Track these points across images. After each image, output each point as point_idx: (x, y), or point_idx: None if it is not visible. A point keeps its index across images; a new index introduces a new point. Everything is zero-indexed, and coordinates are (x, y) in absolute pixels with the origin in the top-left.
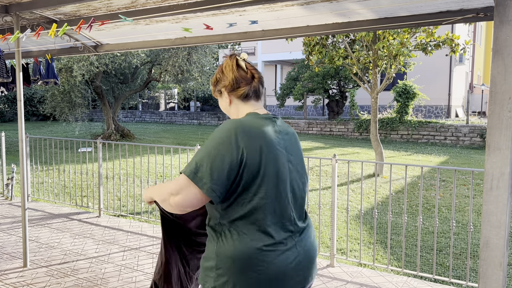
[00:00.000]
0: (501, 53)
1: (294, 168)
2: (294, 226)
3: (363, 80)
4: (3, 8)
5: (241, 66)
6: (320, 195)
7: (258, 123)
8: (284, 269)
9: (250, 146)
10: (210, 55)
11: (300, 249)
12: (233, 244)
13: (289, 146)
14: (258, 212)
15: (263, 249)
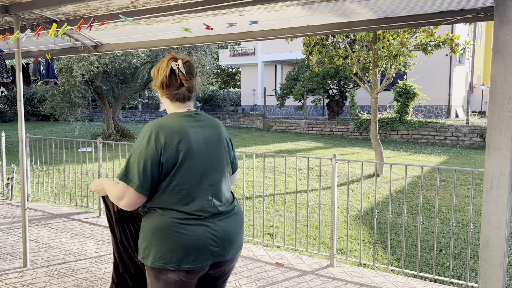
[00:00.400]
0: (501, 53)
1: (213, 158)
2: (213, 208)
3: (363, 80)
4: (3, 8)
5: (174, 73)
6: (320, 195)
7: (176, 122)
8: (199, 241)
9: (168, 143)
10: (210, 55)
11: (218, 228)
12: (155, 220)
13: (210, 138)
14: (177, 196)
15: (180, 223)
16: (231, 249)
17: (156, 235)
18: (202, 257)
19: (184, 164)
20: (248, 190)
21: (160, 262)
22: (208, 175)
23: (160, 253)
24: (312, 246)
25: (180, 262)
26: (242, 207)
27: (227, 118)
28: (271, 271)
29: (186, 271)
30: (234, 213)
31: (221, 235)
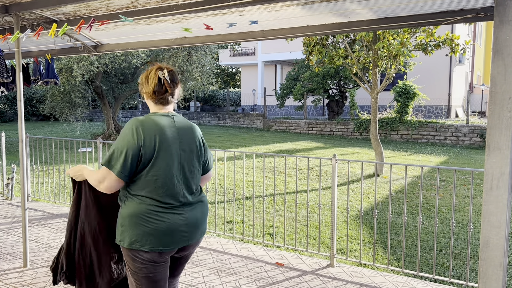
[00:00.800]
0: (501, 53)
1: (185, 154)
2: (183, 198)
3: (363, 80)
4: (3, 8)
5: (160, 81)
6: (320, 195)
7: (155, 120)
8: (170, 227)
9: (147, 137)
10: (210, 55)
11: (187, 216)
12: (132, 207)
13: (184, 137)
14: (152, 186)
15: (152, 210)
16: (196, 234)
17: (132, 221)
18: (173, 241)
19: (160, 157)
20: (248, 190)
21: (136, 244)
22: (181, 169)
23: (136, 237)
24: (312, 246)
25: (153, 245)
26: (242, 207)
27: (227, 118)
28: (271, 271)
29: (158, 253)
30: (200, 203)
31: (189, 222)
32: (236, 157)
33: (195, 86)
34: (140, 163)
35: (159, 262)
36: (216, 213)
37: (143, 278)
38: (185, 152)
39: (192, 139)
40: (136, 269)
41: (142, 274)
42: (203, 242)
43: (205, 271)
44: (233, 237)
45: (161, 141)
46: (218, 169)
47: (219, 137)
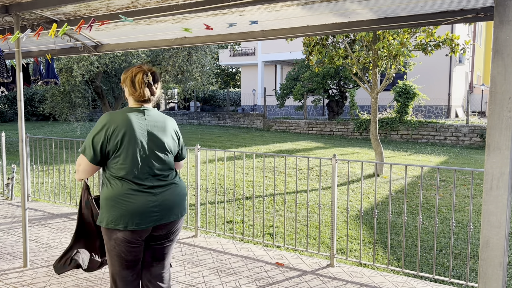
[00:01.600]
0: (501, 53)
1: (154, 144)
2: (153, 182)
3: (363, 80)
4: (3, 8)
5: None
6: (320, 195)
7: (125, 114)
8: (142, 208)
9: (115, 130)
10: (210, 55)
11: (157, 197)
12: (108, 190)
13: (154, 129)
14: (123, 171)
15: (126, 193)
16: (170, 214)
17: (108, 203)
18: (144, 220)
19: (127, 147)
20: (248, 190)
21: (112, 224)
22: (149, 157)
23: (112, 217)
24: (312, 246)
25: (126, 224)
26: (242, 207)
27: (227, 118)
28: (271, 271)
29: (131, 231)
30: (173, 186)
31: (160, 203)
32: (236, 157)
33: (195, 86)
34: (109, 151)
35: (133, 241)
36: (216, 213)
37: (115, 256)
38: (154, 142)
39: (164, 129)
40: (111, 247)
41: (115, 252)
42: (203, 242)
43: (205, 271)
44: (233, 237)
45: (128, 133)
46: (218, 169)
47: (219, 137)
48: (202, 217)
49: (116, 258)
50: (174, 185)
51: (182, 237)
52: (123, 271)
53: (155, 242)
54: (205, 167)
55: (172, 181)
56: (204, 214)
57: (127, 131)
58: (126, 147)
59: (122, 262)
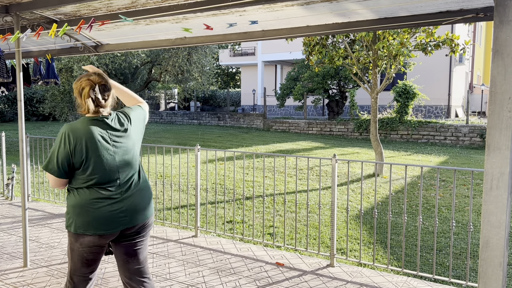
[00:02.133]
0: (501, 53)
1: (119, 150)
2: (120, 188)
3: (363, 80)
4: (3, 8)
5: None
6: (320, 195)
7: (84, 125)
8: (110, 214)
9: (77, 143)
10: (210, 55)
11: (125, 203)
12: (75, 198)
13: (116, 136)
14: (90, 181)
15: (93, 201)
16: (138, 217)
17: (76, 211)
18: (112, 226)
19: (91, 158)
20: (248, 190)
21: (80, 230)
22: (117, 164)
23: (80, 224)
24: (312, 246)
25: (95, 230)
26: (242, 207)
27: (227, 118)
28: (271, 271)
29: (99, 236)
30: (140, 190)
31: (127, 208)
32: (236, 157)
33: (195, 86)
34: (73, 164)
35: (99, 245)
36: (216, 213)
37: (78, 255)
38: (119, 148)
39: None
40: (75, 247)
41: (78, 252)
42: (203, 242)
43: (205, 271)
44: (233, 237)
45: (92, 145)
46: (218, 169)
47: (219, 137)
48: (202, 217)
49: (78, 258)
50: (140, 190)
51: (182, 237)
52: (83, 268)
53: (125, 240)
54: (205, 167)
55: (138, 186)
56: (204, 214)
57: (91, 143)
58: (92, 159)
59: (83, 261)
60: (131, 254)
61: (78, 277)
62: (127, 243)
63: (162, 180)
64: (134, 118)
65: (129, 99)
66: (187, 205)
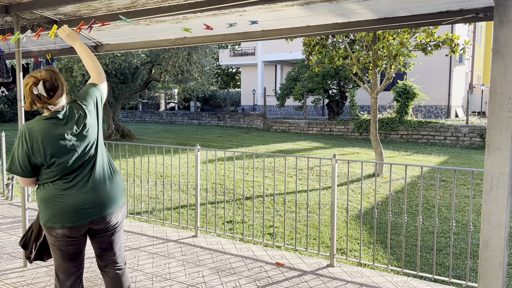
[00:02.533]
0: (501, 53)
1: (77, 143)
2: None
3: (363, 80)
4: (3, 8)
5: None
6: (320, 195)
7: (40, 124)
8: (76, 206)
9: (33, 140)
10: (210, 55)
11: (91, 194)
12: (40, 193)
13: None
14: (54, 176)
15: (58, 195)
16: (105, 209)
17: (43, 204)
18: (79, 217)
19: (51, 153)
20: (248, 190)
21: (49, 223)
22: (77, 157)
23: (48, 217)
24: (312, 246)
25: (63, 222)
26: (242, 207)
27: (227, 118)
28: (271, 271)
29: (68, 228)
30: (105, 181)
31: (93, 200)
32: (236, 157)
33: (195, 86)
34: (34, 162)
35: (72, 236)
36: (216, 213)
37: (57, 250)
38: (78, 142)
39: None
40: (52, 241)
41: (56, 246)
42: (203, 242)
43: (205, 271)
44: (233, 237)
45: (47, 142)
46: (218, 169)
47: (219, 137)
48: (202, 217)
49: (57, 252)
50: (106, 180)
51: (182, 237)
52: (65, 264)
53: (97, 235)
54: (205, 167)
55: (103, 177)
56: (204, 214)
57: (47, 141)
58: (52, 156)
59: (64, 255)
60: (106, 249)
61: (62, 273)
62: (101, 238)
63: (162, 180)
64: (89, 107)
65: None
66: (187, 205)
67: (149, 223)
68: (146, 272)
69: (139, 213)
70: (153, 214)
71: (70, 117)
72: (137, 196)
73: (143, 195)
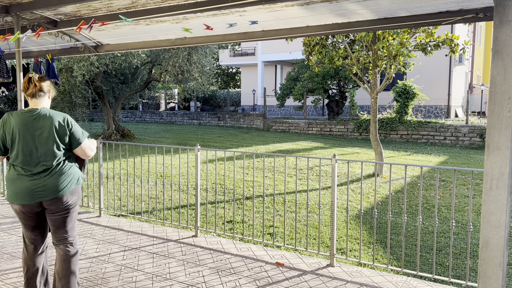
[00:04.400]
0: (501, 53)
1: (37, 139)
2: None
3: (363, 80)
4: (3, 8)
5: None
6: (320, 195)
7: (17, 115)
8: (27, 189)
9: (6, 129)
10: (210, 55)
11: (41, 181)
12: (8, 173)
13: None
14: (15, 161)
15: (15, 177)
16: (51, 194)
17: (7, 183)
18: (30, 198)
19: (16, 141)
20: (248, 190)
21: (10, 199)
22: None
23: (9, 194)
24: (312, 246)
25: (18, 200)
26: (242, 207)
27: (227, 118)
28: (271, 271)
29: (22, 205)
30: (55, 173)
31: (43, 185)
32: (236, 157)
33: (195, 86)
34: (7, 145)
35: (26, 212)
36: (216, 213)
37: (20, 220)
38: (38, 137)
39: (49, 126)
40: (15, 213)
41: (18, 218)
42: (203, 242)
43: (205, 270)
44: (233, 237)
45: (18, 131)
46: (218, 169)
47: (219, 137)
48: (202, 217)
49: (21, 222)
50: (56, 172)
51: (182, 237)
52: (27, 232)
53: (49, 214)
54: (205, 167)
55: (55, 168)
56: (204, 214)
57: (17, 130)
58: (17, 142)
59: (25, 225)
60: (57, 227)
61: (27, 239)
62: (53, 217)
63: (162, 180)
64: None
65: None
66: (187, 205)
67: (149, 223)
68: (146, 272)
69: (139, 213)
70: (153, 214)
71: (39, 119)
72: (137, 196)
73: (143, 195)
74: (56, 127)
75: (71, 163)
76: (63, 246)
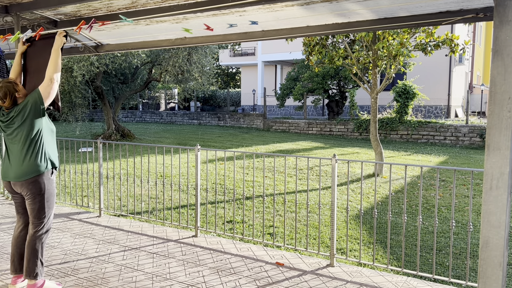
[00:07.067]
0: (501, 53)
1: (12, 135)
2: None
3: (363, 80)
4: (3, 8)
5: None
6: (320, 195)
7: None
8: (6, 171)
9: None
10: (210, 55)
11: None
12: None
13: (11, 125)
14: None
15: (2, 161)
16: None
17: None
18: (7, 177)
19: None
20: (248, 190)
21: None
22: (9, 140)
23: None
24: (312, 246)
25: (3, 178)
26: (242, 207)
27: (227, 118)
28: (271, 271)
29: (6, 182)
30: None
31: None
32: (236, 157)
33: (195, 86)
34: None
35: (9, 190)
36: (216, 213)
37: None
38: (12, 133)
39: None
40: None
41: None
42: (203, 242)
43: (205, 270)
44: (233, 237)
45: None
46: (218, 169)
47: (219, 137)
48: (202, 217)
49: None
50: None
51: (182, 237)
52: (15, 210)
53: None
54: (205, 167)
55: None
56: (204, 214)
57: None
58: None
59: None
60: (28, 210)
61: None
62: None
63: (162, 180)
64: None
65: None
66: (187, 205)
67: (149, 223)
68: (146, 272)
69: (139, 213)
70: (153, 214)
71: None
72: (137, 196)
73: (143, 195)
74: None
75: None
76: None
